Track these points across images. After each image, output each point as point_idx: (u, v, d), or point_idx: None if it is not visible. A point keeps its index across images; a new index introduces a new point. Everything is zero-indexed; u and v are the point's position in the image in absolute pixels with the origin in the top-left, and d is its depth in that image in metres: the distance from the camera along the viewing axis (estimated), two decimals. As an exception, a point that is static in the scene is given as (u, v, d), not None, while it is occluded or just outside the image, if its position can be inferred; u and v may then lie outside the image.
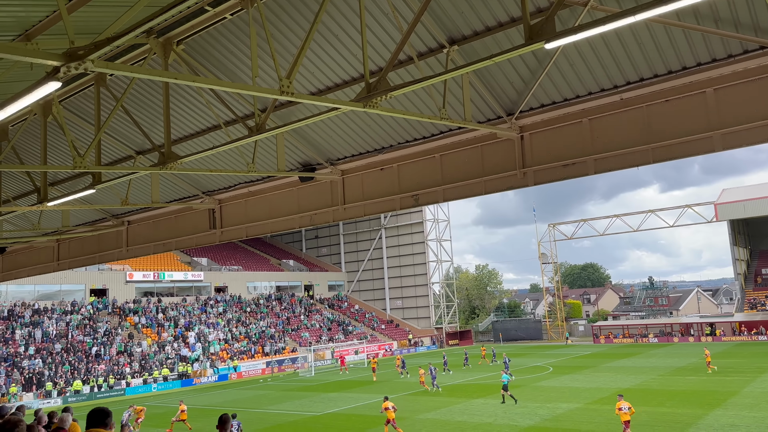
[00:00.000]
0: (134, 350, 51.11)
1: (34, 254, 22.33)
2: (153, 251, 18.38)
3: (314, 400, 35.96)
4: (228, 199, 16.42)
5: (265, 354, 58.05)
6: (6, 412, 10.96)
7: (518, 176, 10.98)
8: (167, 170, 10.69)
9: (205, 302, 64.11)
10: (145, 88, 12.11)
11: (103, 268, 57.21)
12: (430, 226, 79.26)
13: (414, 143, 12.33)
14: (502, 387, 30.09)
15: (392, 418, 23.51)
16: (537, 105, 10.79)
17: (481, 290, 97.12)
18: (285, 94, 7.38)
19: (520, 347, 68.03)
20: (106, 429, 5.85)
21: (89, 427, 5.85)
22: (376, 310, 79.59)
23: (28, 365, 44.65)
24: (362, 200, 13.83)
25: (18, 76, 9.83)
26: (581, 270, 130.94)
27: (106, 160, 14.88)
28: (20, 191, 17.23)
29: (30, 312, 50.75)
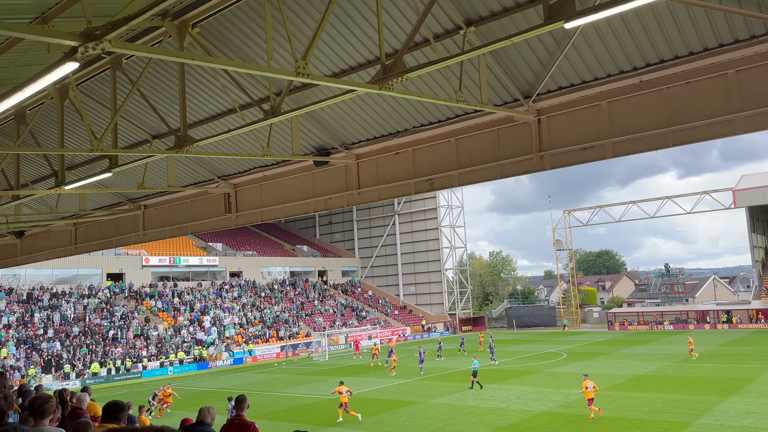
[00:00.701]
0: (151, 334, 51.81)
1: (52, 238, 22.60)
2: (169, 235, 18.51)
3: (328, 384, 36.24)
4: (243, 184, 16.46)
5: (280, 338, 58.59)
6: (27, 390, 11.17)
7: (535, 160, 10.86)
8: (183, 154, 10.71)
9: (220, 287, 64.71)
10: (160, 71, 12.12)
11: (119, 253, 57.87)
12: (443, 213, 79.12)
13: (429, 127, 12.24)
14: (472, 373, 30.77)
15: (345, 402, 24.40)
16: (555, 87, 10.64)
17: (495, 277, 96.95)
18: (301, 76, 7.34)
19: (534, 333, 67.98)
20: (118, 423, 5.86)
21: (103, 421, 5.90)
22: (390, 296, 79.85)
23: (47, 348, 45.46)
24: (377, 185, 13.78)
25: (35, 60, 9.87)
26: (596, 257, 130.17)
27: (123, 144, 14.96)
28: (38, 175, 17.41)
29: (48, 295, 51.56)
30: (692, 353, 39.35)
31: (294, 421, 25.15)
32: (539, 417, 23.47)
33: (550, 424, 22.16)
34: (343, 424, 24.01)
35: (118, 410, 5.87)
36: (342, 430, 23.19)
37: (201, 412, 8.24)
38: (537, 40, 9.84)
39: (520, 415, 24.01)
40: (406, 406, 27.16)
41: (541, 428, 21.67)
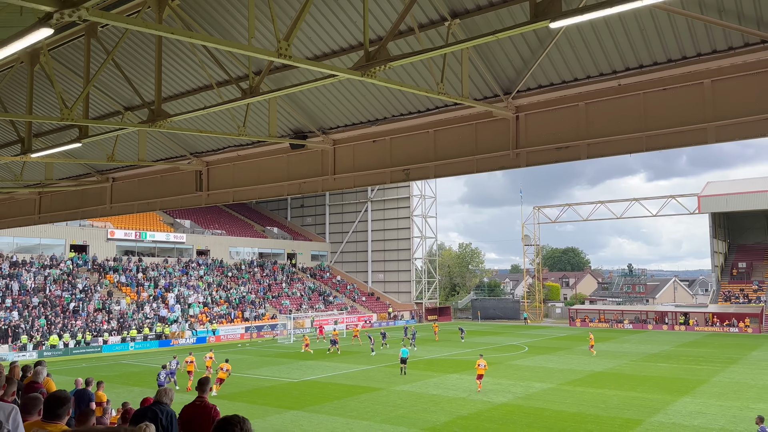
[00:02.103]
0: (113, 308, 50.96)
1: (15, 206, 21.98)
2: (137, 210, 18.17)
3: (292, 367, 36.25)
4: (216, 162, 16.23)
5: (245, 319, 58.25)
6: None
7: (511, 156, 10.94)
8: (156, 128, 10.49)
9: (186, 264, 63.90)
10: (137, 42, 11.82)
11: (84, 224, 56.63)
12: (416, 202, 79.36)
13: (408, 117, 12.22)
14: (400, 359, 32.60)
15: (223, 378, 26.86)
16: (535, 86, 10.71)
17: (463, 268, 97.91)
18: (282, 57, 7.22)
19: (497, 326, 68.93)
20: (59, 421, 5.31)
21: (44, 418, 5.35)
22: (358, 282, 79.99)
23: (4, 317, 44.36)
24: (353, 171, 13.74)
25: (6, 21, 9.51)
26: (562, 254, 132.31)
27: (94, 114, 14.57)
28: (3, 141, 16.87)
29: (8, 264, 50.24)
30: (592, 349, 41.44)
31: (255, 402, 25.10)
32: (499, 408, 23.87)
33: (509, 416, 22.56)
34: (304, 407, 24.06)
35: (58, 405, 5.30)
36: (305, 412, 23.24)
37: (158, 393, 8.23)
38: (521, 37, 9.88)
39: (480, 405, 24.37)
40: (368, 392, 27.33)
41: (500, 419, 22.05)
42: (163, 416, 7.50)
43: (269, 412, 23.47)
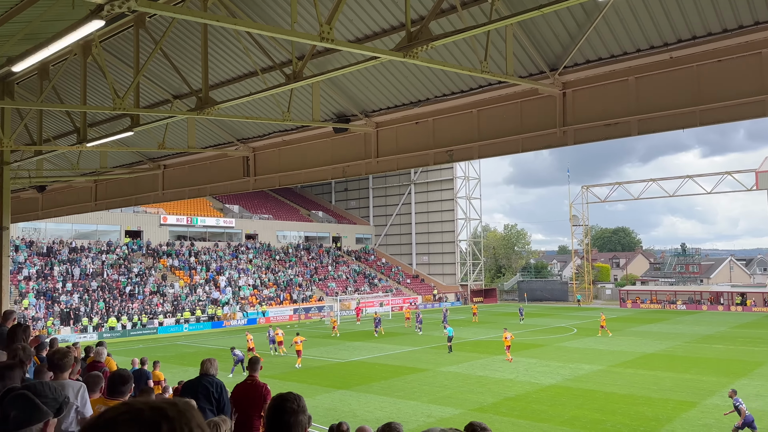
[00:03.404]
0: (167, 291, 52.76)
1: (73, 194, 22.91)
2: (188, 196, 18.68)
3: (339, 347, 36.82)
4: (262, 148, 16.48)
5: (293, 301, 59.39)
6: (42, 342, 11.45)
7: (558, 135, 10.72)
8: (204, 115, 10.72)
9: (236, 248, 65.45)
10: (183, 31, 12.06)
11: (138, 211, 58.57)
12: (460, 184, 78.77)
13: (451, 97, 12.10)
14: (447, 339, 33.81)
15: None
16: (582, 61, 10.43)
17: (509, 250, 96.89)
18: (325, 41, 7.26)
19: (545, 308, 68.14)
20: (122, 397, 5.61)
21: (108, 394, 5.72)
22: (402, 265, 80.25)
23: (66, 300, 46.52)
24: (396, 154, 13.74)
25: (59, 15, 9.86)
26: (612, 234, 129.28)
27: (144, 103, 14.98)
28: (60, 131, 17.56)
29: (67, 250, 52.54)
30: (601, 329, 40.84)
31: (304, 382, 25.64)
32: (547, 390, 23.69)
33: (557, 397, 22.38)
34: (352, 387, 24.46)
35: (122, 382, 5.68)
36: (353, 392, 23.63)
37: (203, 364, 8.39)
38: (567, 11, 9.62)
39: (528, 386, 24.25)
40: (414, 373, 27.55)
41: (548, 401, 21.89)
42: (213, 388, 7.72)
43: (318, 391, 23.96)
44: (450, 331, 34.42)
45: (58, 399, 3.00)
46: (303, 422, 3.22)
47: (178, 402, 1.12)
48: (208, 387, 7.73)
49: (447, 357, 31.95)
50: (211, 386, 7.74)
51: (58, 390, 3.06)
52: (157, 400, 1.12)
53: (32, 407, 2.91)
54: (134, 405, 1.08)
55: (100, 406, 5.59)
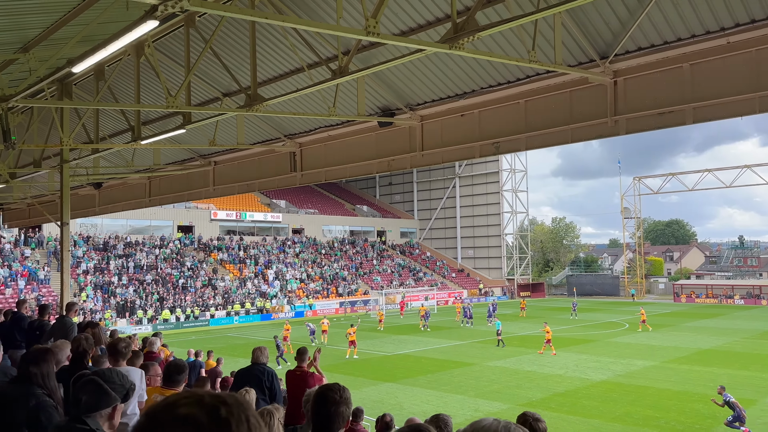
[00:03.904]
0: (218, 284, 54.12)
1: (128, 190, 23.73)
2: (238, 191, 19.09)
3: (385, 341, 37.02)
4: (308, 143, 16.67)
5: (339, 295, 60.00)
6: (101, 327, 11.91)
7: (609, 124, 10.45)
8: (253, 112, 10.92)
9: (283, 242, 66.56)
10: (231, 29, 12.30)
11: (189, 206, 60.25)
12: (506, 176, 77.81)
13: (497, 88, 11.94)
14: (496, 332, 33.76)
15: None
16: (634, 48, 10.13)
17: (557, 243, 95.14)
18: (371, 35, 7.28)
19: (595, 302, 66.73)
20: (177, 386, 5.80)
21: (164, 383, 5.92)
22: (447, 259, 79.92)
23: (122, 293, 48.30)
24: (441, 147, 13.66)
25: (114, 17, 10.20)
26: (665, 226, 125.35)
27: (195, 101, 15.36)
28: (115, 129, 18.20)
29: (123, 244, 54.50)
30: (641, 324, 40.02)
31: (351, 374, 25.90)
32: (598, 386, 23.24)
33: (609, 393, 21.93)
34: (398, 379, 24.56)
35: (177, 371, 5.88)
36: (399, 385, 23.73)
37: (254, 353, 8.59)
38: (617, -3, 9.35)
39: (578, 382, 23.84)
40: (461, 367, 27.46)
41: (599, 396, 21.48)
42: (265, 377, 7.90)
43: (365, 383, 24.17)
44: (498, 324, 34.23)
45: (125, 385, 3.15)
46: (344, 414, 3.22)
47: (235, 393, 1.18)
48: (260, 376, 7.91)
49: (494, 352, 31.71)
50: (263, 375, 7.93)
51: (125, 377, 3.21)
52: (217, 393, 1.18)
53: (101, 392, 3.05)
54: (196, 391, 1.15)
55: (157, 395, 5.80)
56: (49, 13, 10.51)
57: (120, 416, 3.19)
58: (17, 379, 3.91)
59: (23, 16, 10.57)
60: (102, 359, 6.10)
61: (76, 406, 3.14)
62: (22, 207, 30.07)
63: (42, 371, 3.90)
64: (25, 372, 3.85)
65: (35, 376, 3.82)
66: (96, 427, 3.03)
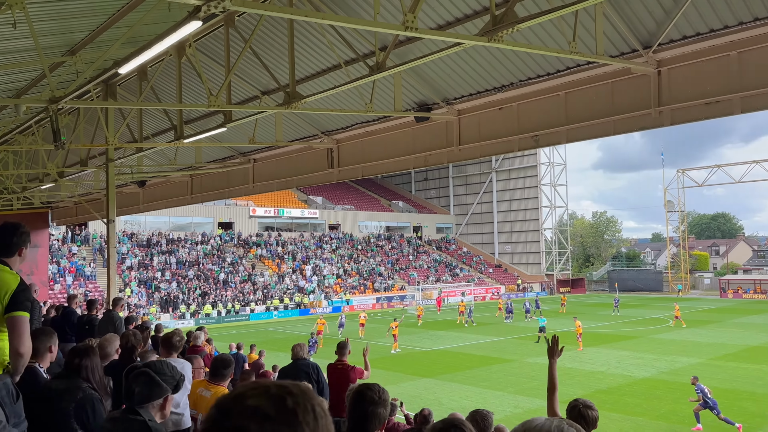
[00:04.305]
0: (257, 280, 54.99)
1: (171, 188, 24.30)
2: (276, 188, 19.34)
3: (422, 336, 37.00)
4: (345, 139, 16.77)
5: (375, 290, 60.24)
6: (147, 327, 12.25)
7: (653, 115, 10.20)
8: (292, 110, 11.03)
9: (320, 238, 67.15)
10: (270, 28, 12.44)
11: (229, 203, 61.34)
12: (544, 170, 76.69)
13: (536, 80, 11.79)
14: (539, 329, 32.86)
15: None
16: (678, 37, 9.85)
17: (598, 238, 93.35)
18: (409, 30, 7.26)
19: (637, 298, 65.29)
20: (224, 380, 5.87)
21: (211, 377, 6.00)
22: (484, 254, 79.29)
23: (165, 289, 49.53)
24: (478, 141, 13.57)
25: (157, 18, 10.44)
26: (711, 220, 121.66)
27: (234, 100, 15.62)
28: (158, 129, 18.64)
29: (165, 241, 55.85)
30: (674, 320, 39.19)
31: (389, 369, 25.99)
32: (641, 383, 22.76)
33: (653, 390, 21.46)
34: (436, 375, 24.53)
35: (224, 366, 5.94)
36: (437, 380, 23.70)
37: (294, 350, 8.70)
38: (661, -16, 9.10)
39: (621, 379, 23.39)
40: (500, 363, 27.25)
41: (643, 394, 21.03)
42: (311, 370, 8.03)
43: (403, 378, 24.21)
44: (542, 321, 33.63)
45: (175, 376, 3.24)
46: (382, 415, 3.22)
47: (299, 383, 1.21)
48: (307, 370, 8.05)
49: (533, 348, 31.35)
50: (309, 368, 8.07)
51: (175, 368, 3.30)
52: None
53: (153, 384, 3.16)
54: (262, 382, 1.18)
55: (202, 389, 5.92)
56: (94, 16, 10.83)
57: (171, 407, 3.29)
58: (64, 372, 4.06)
59: (70, 20, 10.91)
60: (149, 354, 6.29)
61: (129, 398, 3.25)
62: (69, 205, 31.11)
63: (88, 365, 4.04)
64: (72, 365, 4.00)
65: (82, 369, 3.96)
66: (149, 418, 3.13)
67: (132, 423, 3.08)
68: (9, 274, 3.65)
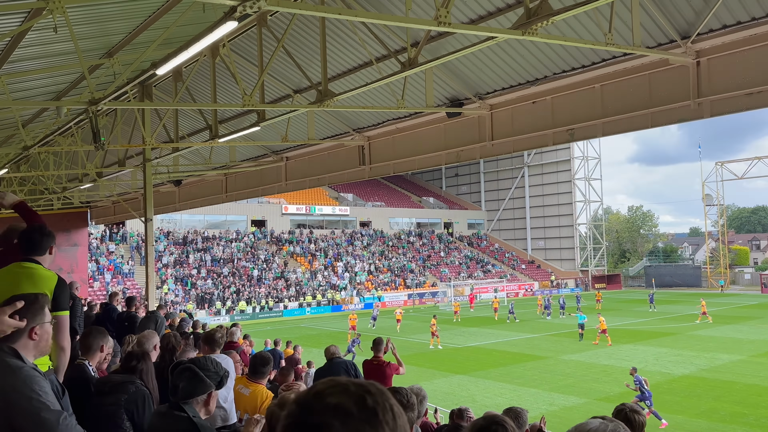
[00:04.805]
0: (290, 276, 55.55)
1: (206, 186, 24.70)
2: (308, 186, 19.48)
3: (454, 333, 36.85)
4: (376, 136, 16.79)
5: (407, 287, 60.24)
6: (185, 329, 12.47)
7: (692, 107, 9.94)
8: (324, 107, 11.09)
9: (351, 235, 67.43)
10: (301, 26, 12.52)
11: (261, 201, 62.05)
12: (578, 164, 75.46)
13: (571, 73, 11.60)
14: (579, 326, 32.38)
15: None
16: (718, 26, 9.57)
17: (634, 233, 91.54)
18: (442, 25, 7.23)
19: (675, 294, 63.85)
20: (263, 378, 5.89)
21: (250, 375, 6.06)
22: (517, 250, 78.50)
23: (201, 285, 50.42)
24: (512, 136, 13.42)
25: (192, 19, 10.60)
26: (751, 213, 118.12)
27: (267, 99, 15.78)
28: (193, 129, 18.95)
29: (200, 239, 56.82)
30: (701, 316, 38.34)
31: (422, 366, 25.98)
32: (680, 380, 22.27)
33: (692, 388, 20.98)
34: (470, 372, 24.42)
35: (263, 363, 6.00)
36: (470, 377, 23.60)
37: (329, 349, 8.88)
38: (701, -28, 8.86)
39: (658, 377, 22.91)
40: (534, 360, 26.98)
41: (682, 391, 20.58)
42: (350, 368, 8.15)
43: (436, 375, 24.17)
44: (581, 317, 33.03)
45: (219, 372, 3.30)
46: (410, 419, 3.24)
47: (374, 382, 1.22)
48: (344, 367, 8.18)
49: (568, 345, 30.96)
50: (347, 365, 8.20)
51: (219, 364, 3.36)
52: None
53: (197, 380, 3.22)
54: (339, 380, 1.19)
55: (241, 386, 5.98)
56: (131, 18, 11.06)
57: (215, 402, 3.35)
58: (120, 371, 4.23)
59: (107, 23, 11.16)
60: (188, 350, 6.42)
61: (173, 393, 3.32)
62: (108, 204, 31.89)
63: (144, 368, 4.31)
64: (129, 367, 4.20)
65: (137, 372, 4.15)
66: (193, 414, 3.19)
67: (177, 419, 3.15)
68: (45, 271, 3.76)
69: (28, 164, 21.71)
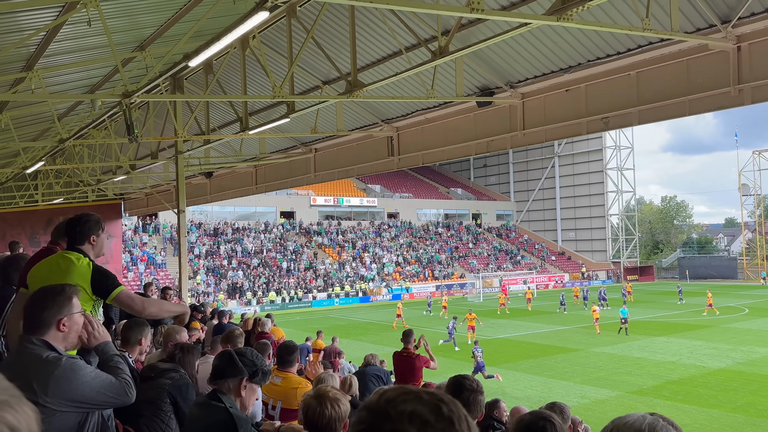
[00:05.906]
0: (318, 267, 55.92)
1: (237, 178, 24.94)
2: (337, 177, 19.51)
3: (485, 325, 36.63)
4: (405, 127, 16.69)
5: (435, 278, 60.12)
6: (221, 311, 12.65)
7: (732, 94, 9.62)
8: (353, 98, 11.05)
9: (379, 227, 67.50)
10: (330, 17, 12.47)
11: (290, 193, 62.52)
12: (610, 154, 74.11)
13: (605, 60, 11.33)
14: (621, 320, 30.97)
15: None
16: (760, 10, 9.22)
17: (667, 224, 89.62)
18: (475, 11, 7.10)
19: (710, 286, 62.37)
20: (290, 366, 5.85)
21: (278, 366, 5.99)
22: (547, 241, 77.61)
23: (231, 276, 51.10)
24: (543, 125, 13.20)
25: (222, 11, 10.63)
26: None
27: (297, 91, 15.80)
28: (224, 121, 19.12)
29: (231, 230, 57.54)
30: (707, 308, 37.54)
31: (452, 357, 25.91)
32: (715, 374, 21.78)
33: (728, 382, 20.50)
34: (499, 364, 24.27)
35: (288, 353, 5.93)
36: (500, 369, 23.45)
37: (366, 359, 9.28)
38: (744, -48, 8.54)
39: (693, 370, 22.46)
40: (565, 353, 26.69)
41: (717, 385, 20.13)
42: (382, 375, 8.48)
43: (466, 368, 24.04)
44: (624, 312, 31.78)
45: (257, 363, 3.31)
46: (481, 402, 3.29)
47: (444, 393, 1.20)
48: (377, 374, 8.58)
49: (599, 337, 30.52)
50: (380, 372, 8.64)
51: (259, 357, 3.38)
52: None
53: (231, 362, 3.26)
54: (409, 388, 1.17)
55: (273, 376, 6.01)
56: (162, 11, 11.15)
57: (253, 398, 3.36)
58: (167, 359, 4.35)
59: (139, 16, 11.28)
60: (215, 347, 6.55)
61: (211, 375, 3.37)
62: (141, 196, 32.46)
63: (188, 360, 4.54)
64: (175, 357, 4.35)
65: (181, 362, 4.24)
66: (230, 405, 3.20)
67: (215, 409, 3.17)
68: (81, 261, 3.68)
69: (64, 157, 22.18)
